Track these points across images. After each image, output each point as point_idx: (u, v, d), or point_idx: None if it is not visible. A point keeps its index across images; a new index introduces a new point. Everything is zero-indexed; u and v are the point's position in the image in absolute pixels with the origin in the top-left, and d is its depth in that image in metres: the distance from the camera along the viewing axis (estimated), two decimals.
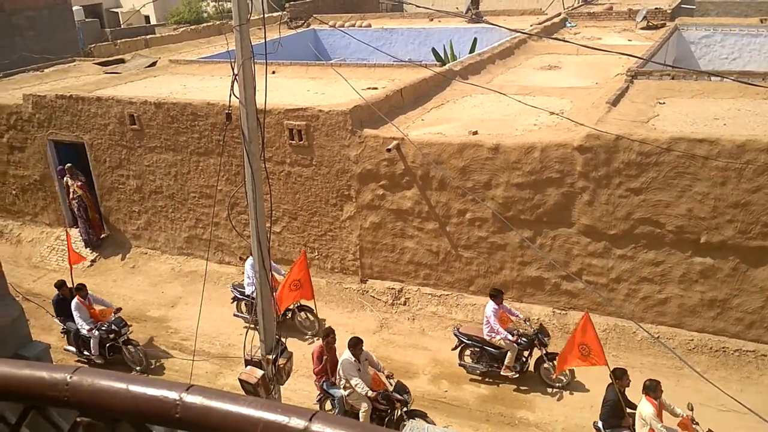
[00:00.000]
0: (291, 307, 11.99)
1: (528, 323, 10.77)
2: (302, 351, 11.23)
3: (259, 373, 8.70)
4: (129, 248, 15.64)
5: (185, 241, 14.94)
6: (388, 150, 11.74)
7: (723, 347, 10.58)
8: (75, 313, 11.51)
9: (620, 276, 11.03)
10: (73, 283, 12.05)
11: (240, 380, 9.19)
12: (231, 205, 13.67)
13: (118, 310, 11.88)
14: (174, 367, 11.71)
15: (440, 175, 11.58)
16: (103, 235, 15.92)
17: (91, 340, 11.49)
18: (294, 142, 12.71)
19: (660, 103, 12.09)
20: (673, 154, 10.06)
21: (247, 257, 12.61)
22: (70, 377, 1.29)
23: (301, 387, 10.74)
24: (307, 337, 12.20)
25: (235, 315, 12.71)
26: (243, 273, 13.03)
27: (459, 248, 12.00)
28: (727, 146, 9.81)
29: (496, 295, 10.54)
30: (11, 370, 1.34)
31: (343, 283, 13.23)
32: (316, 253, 13.44)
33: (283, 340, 9.03)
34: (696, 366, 9.73)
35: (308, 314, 12.29)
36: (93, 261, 15.57)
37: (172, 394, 1.22)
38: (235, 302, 12.81)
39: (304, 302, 12.04)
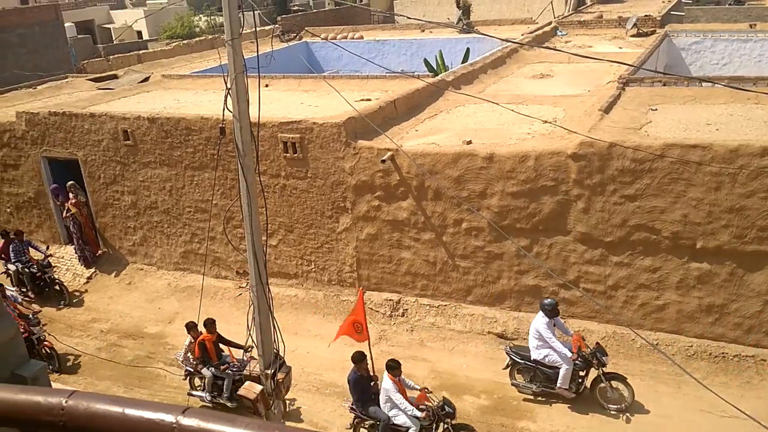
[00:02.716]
0: (597, 372, 9.87)
1: None
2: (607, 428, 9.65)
3: (258, 388, 8.66)
4: (125, 264, 15.57)
5: (181, 257, 14.89)
6: (383, 161, 11.75)
7: (722, 353, 10.57)
8: (394, 396, 9.16)
9: (617, 283, 11.03)
10: (372, 358, 9.58)
11: (239, 396, 9.13)
12: (226, 219, 13.63)
13: (425, 390, 9.34)
14: (172, 384, 11.64)
15: (435, 185, 11.59)
16: (99, 252, 15.87)
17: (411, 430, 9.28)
18: (288, 154, 12.71)
19: (652, 110, 12.15)
20: (667, 160, 10.10)
21: (538, 312, 10.17)
22: (66, 401, 1.28)
23: (300, 402, 10.69)
24: (613, 412, 9.84)
25: (512, 384, 10.48)
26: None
27: (456, 258, 11.99)
28: (720, 151, 9.84)
29: None
30: (6, 395, 1.33)
31: (340, 296, 13.20)
32: (313, 266, 13.40)
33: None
34: (696, 372, 9.72)
35: (619, 384, 9.85)
36: (89, 278, 15.50)
37: (169, 417, 1.21)
38: (510, 368, 10.49)
39: (611, 369, 10.01)
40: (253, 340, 8.56)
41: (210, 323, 10.65)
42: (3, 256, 14.99)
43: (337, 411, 10.58)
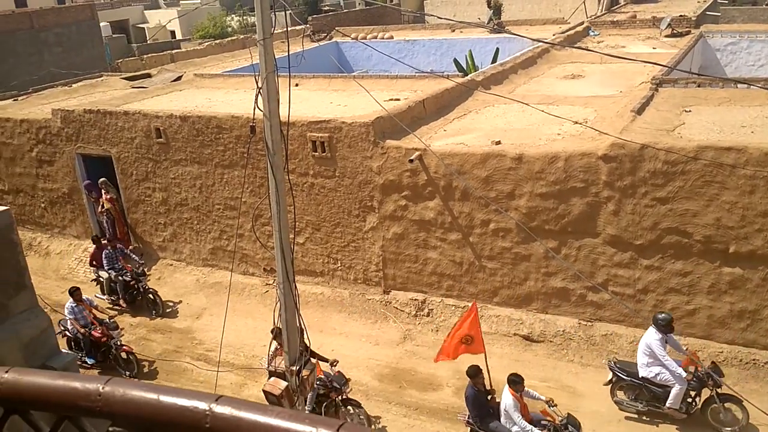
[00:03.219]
0: (711, 393, 9.25)
1: None
2: None
3: (283, 384, 8.73)
4: (155, 260, 15.81)
5: (210, 253, 15.07)
6: (411, 161, 11.75)
7: (753, 359, 10.36)
8: (513, 415, 8.61)
9: (647, 287, 10.89)
10: (489, 371, 9.06)
11: (264, 391, 9.22)
12: (255, 216, 13.77)
13: (550, 402, 8.88)
14: (199, 378, 11.79)
15: (463, 185, 11.56)
16: (130, 247, 16.13)
17: None
18: (317, 153, 12.78)
19: (686, 111, 11.96)
20: (700, 162, 9.93)
21: (650, 327, 9.54)
22: (103, 387, 1.32)
23: None
24: None
25: (614, 402, 9.96)
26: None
27: (482, 259, 11.94)
28: (755, 154, 9.65)
29: None
30: (46, 381, 1.37)
31: (366, 294, 13.24)
32: (339, 264, 13.47)
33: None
34: (726, 379, 9.55)
35: (732, 405, 9.26)
36: None
37: (202, 405, 1.24)
38: (612, 384, 9.96)
39: (726, 390, 9.18)
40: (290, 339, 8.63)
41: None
42: (95, 263, 14.56)
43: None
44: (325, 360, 9.91)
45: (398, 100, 13.99)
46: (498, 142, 11.54)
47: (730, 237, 10.08)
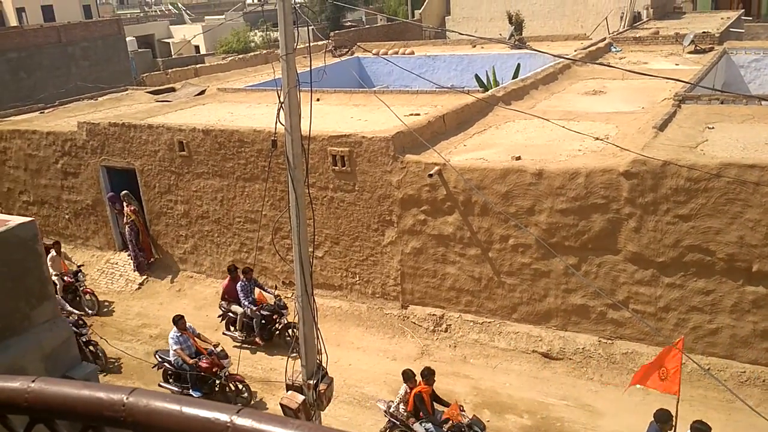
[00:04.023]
0: None
1: None
2: None
3: (300, 398, 8.73)
4: (176, 272, 15.94)
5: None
6: (430, 175, 11.77)
7: None
8: None
9: (669, 305, 10.75)
10: (677, 416, 8.22)
11: (281, 405, 9.23)
12: (275, 229, 13.85)
13: None
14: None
15: (482, 200, 11.54)
16: (152, 259, 16.29)
17: None
18: (337, 168, 12.85)
19: (709, 128, 11.86)
20: (723, 180, 9.83)
21: None
22: (127, 398, 1.34)
23: (341, 413, 10.72)
24: None
25: None
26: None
27: (501, 275, 11.89)
28: None
29: None
30: (72, 391, 1.40)
31: (384, 309, 13.23)
32: (357, 278, 13.48)
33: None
34: (748, 399, 9.38)
35: None
36: (141, 284, 15.93)
37: (224, 417, 1.26)
38: None
39: None
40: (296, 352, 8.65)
41: (429, 373, 9.52)
42: (227, 296, 13.20)
43: (377, 424, 10.56)
44: (448, 404, 9.57)
45: (418, 115, 14.04)
46: (518, 158, 11.52)
47: (754, 255, 9.94)
